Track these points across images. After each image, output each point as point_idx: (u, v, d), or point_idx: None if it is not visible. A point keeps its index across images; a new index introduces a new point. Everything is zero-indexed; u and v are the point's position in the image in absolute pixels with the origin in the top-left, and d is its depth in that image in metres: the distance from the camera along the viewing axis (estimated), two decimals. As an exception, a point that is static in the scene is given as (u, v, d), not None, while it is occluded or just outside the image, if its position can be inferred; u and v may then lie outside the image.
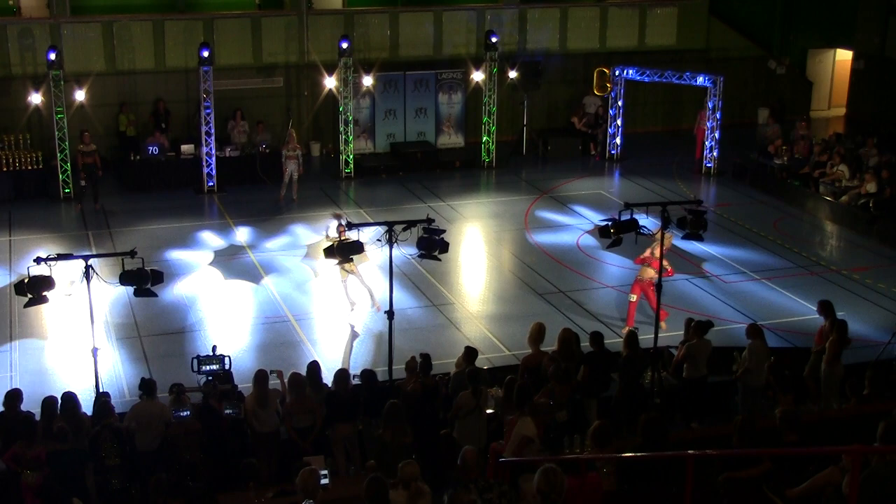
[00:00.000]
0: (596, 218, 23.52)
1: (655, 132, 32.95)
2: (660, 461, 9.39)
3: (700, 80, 28.31)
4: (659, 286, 15.50)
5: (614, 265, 21.20)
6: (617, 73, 29.49)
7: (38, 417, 12.72)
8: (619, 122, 29.75)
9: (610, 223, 15.50)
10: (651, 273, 17.33)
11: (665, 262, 16.18)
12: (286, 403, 13.23)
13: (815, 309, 16.02)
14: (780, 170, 26.93)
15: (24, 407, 12.91)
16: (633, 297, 17.98)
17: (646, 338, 15.49)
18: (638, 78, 29.34)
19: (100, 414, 12.81)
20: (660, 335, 15.68)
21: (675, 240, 18.98)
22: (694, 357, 14.56)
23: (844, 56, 35.41)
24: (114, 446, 12.36)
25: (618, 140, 29.93)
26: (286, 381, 13.36)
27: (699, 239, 16.26)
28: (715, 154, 28.32)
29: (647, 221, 16.13)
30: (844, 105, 35.38)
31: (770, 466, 9.35)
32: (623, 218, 15.34)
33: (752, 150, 28.64)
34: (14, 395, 12.99)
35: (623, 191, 27.04)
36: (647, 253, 17.70)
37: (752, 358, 14.44)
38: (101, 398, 13.26)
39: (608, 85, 29.78)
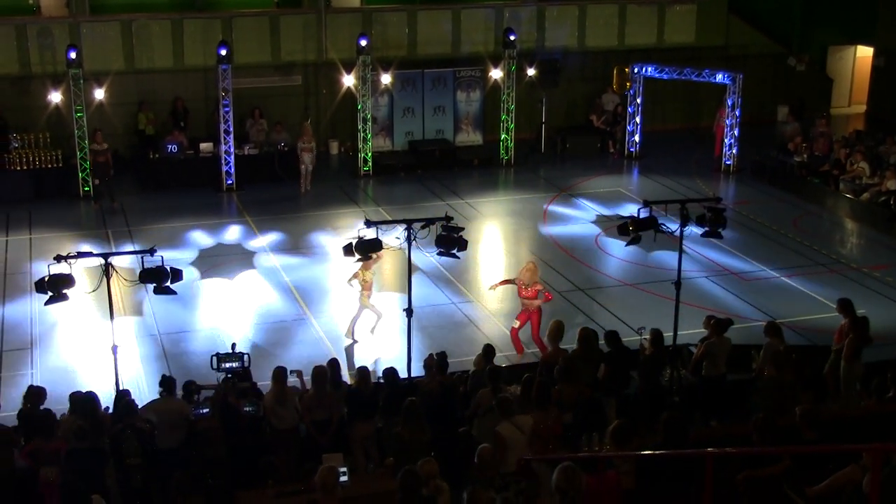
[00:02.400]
0: (615, 216, 23.50)
1: (674, 130, 32.85)
2: (679, 459, 9.37)
3: (719, 77, 28.25)
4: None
5: (633, 263, 21.17)
6: (636, 70, 29.44)
7: (60, 414, 12.78)
8: (637, 119, 29.71)
9: (629, 221, 15.48)
10: (537, 302, 17.08)
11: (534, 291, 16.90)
12: (304, 397, 13.29)
13: (834, 307, 15.95)
14: (800, 167, 26.82)
15: (44, 405, 12.97)
16: (517, 324, 17.28)
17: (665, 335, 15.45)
18: (657, 75, 29.29)
19: (122, 412, 12.87)
20: (679, 333, 15.63)
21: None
22: (713, 355, 14.51)
23: (865, 53, 35.24)
24: (135, 445, 12.41)
25: (636, 138, 29.89)
26: (310, 374, 13.40)
27: (718, 237, 16.22)
28: (734, 151, 28.24)
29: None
30: (865, 102, 35.21)
31: (790, 465, 9.32)
32: (642, 216, 15.32)
33: (771, 148, 28.55)
34: (37, 394, 13.06)
35: (642, 188, 27.00)
36: (522, 285, 17.24)
37: (767, 356, 14.37)
38: (124, 397, 13.32)
39: (627, 83, 29.72)
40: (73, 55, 25.07)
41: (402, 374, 14.69)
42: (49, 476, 11.78)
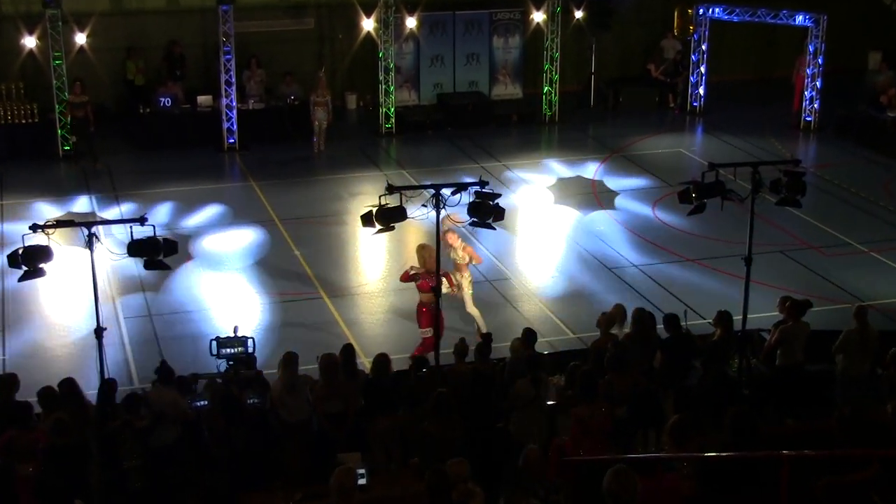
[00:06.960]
0: (675, 181, 23.39)
1: (745, 81, 32.67)
2: (749, 462, 9.35)
3: (799, 19, 28.02)
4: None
5: (697, 236, 21.09)
6: (701, 11, 29.25)
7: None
8: (702, 69, 29.53)
9: (692, 186, 15.39)
10: (428, 296, 16.16)
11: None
12: (315, 388, 13.36)
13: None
14: (893, 123, 26.62)
15: (18, 396, 13.07)
16: (429, 332, 16.10)
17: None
18: (725, 17, 29.08)
19: (107, 404, 12.96)
20: (749, 316, 15.56)
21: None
22: (789, 342, 14.46)
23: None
24: (135, 447, 12.49)
25: (701, 90, 29.74)
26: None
27: (797, 205, 16.10)
28: (816, 106, 28.05)
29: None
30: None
31: (879, 469, 9.27)
32: (707, 181, 15.24)
33: (859, 101, 28.34)
34: (10, 382, 13.17)
35: (706, 149, 26.90)
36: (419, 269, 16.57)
37: (848, 343, 14.30)
38: (108, 385, 13.41)
39: (690, 27, 29.54)
40: (50, -7, 25.14)
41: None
42: (25, 472, 11.90)
